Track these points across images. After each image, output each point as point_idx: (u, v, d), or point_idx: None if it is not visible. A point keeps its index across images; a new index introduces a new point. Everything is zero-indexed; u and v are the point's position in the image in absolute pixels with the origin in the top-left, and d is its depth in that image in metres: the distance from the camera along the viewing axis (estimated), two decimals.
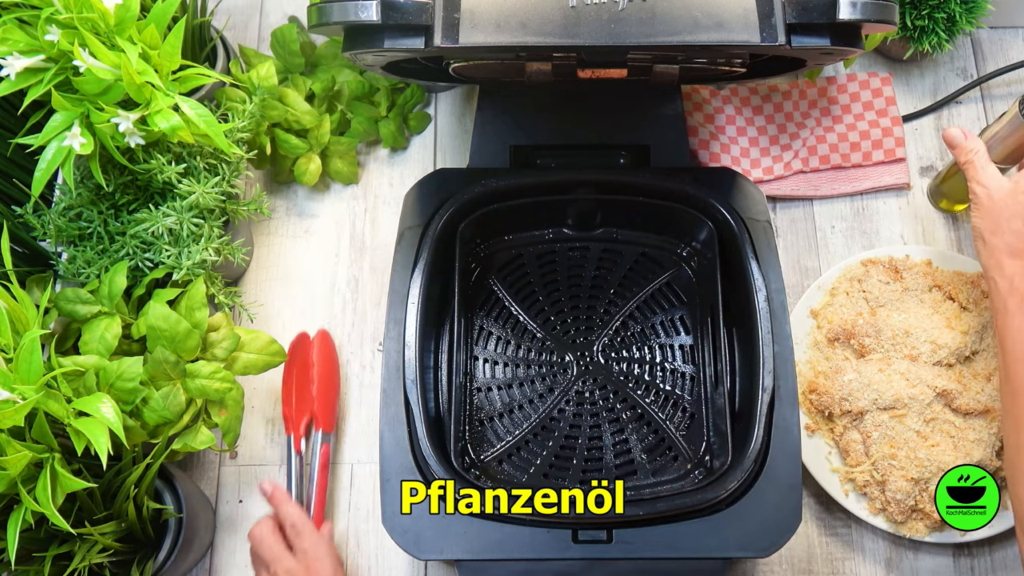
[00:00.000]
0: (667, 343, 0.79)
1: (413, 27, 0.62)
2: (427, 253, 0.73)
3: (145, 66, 0.64)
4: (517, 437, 0.75)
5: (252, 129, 0.80)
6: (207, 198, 0.73)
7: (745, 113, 0.92)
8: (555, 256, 0.83)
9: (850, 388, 0.76)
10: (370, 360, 0.85)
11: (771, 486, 0.66)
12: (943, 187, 0.88)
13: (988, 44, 0.97)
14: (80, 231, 0.74)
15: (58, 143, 0.64)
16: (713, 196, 0.76)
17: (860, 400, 0.76)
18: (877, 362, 0.78)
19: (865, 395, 0.76)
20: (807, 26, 0.63)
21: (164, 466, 0.73)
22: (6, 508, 0.62)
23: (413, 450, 0.67)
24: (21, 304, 0.62)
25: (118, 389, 0.66)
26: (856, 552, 0.78)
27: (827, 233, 0.90)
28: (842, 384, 0.77)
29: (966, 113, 0.94)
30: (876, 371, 0.77)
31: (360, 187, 0.92)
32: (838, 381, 0.77)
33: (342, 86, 0.89)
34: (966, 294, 0.81)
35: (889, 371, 0.76)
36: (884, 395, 0.75)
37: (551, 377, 0.78)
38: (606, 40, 0.61)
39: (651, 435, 0.76)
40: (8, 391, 0.57)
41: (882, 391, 0.75)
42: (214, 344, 0.71)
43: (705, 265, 0.79)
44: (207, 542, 0.79)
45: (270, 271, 0.89)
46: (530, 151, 0.81)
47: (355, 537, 0.79)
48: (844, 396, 0.76)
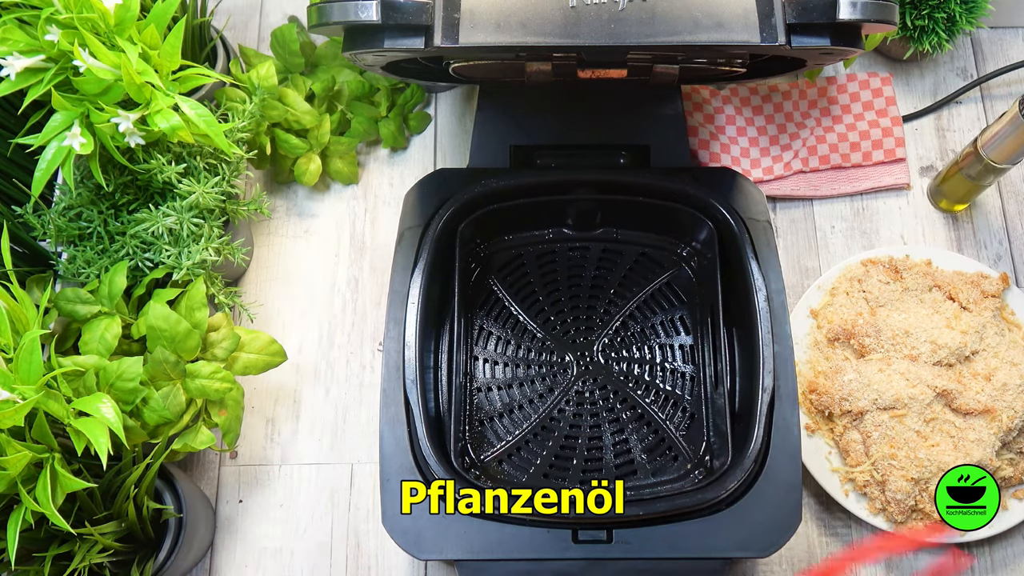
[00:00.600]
0: (667, 343, 0.79)
1: (413, 27, 0.62)
2: (427, 253, 0.73)
3: (145, 66, 0.64)
4: (517, 437, 0.75)
5: (252, 129, 0.80)
6: (207, 198, 0.73)
7: (745, 113, 0.92)
8: (555, 256, 0.83)
9: (850, 388, 0.76)
10: (370, 360, 0.85)
11: (771, 486, 0.66)
12: (943, 187, 0.88)
13: (988, 44, 0.97)
14: (80, 231, 0.74)
15: (58, 143, 0.64)
16: (713, 196, 0.76)
17: (860, 400, 0.76)
18: (877, 362, 0.78)
19: (865, 395, 0.76)
20: (807, 26, 0.63)
21: (164, 466, 0.73)
22: (6, 508, 0.62)
23: (413, 450, 0.67)
24: (21, 304, 0.62)
25: (118, 389, 0.66)
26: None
27: (827, 233, 0.90)
28: (842, 384, 0.77)
29: (966, 113, 0.94)
30: (876, 371, 0.77)
31: (360, 187, 0.92)
32: (838, 381, 0.77)
33: (342, 86, 0.89)
34: (966, 294, 0.81)
35: (889, 371, 0.76)
36: (884, 395, 0.75)
37: (551, 377, 0.78)
38: (606, 40, 0.61)
39: (651, 435, 0.76)
40: (8, 391, 0.57)
41: (882, 391, 0.75)
42: (214, 344, 0.71)
43: (705, 265, 0.79)
44: (207, 542, 0.79)
45: (270, 271, 0.89)
46: (530, 151, 0.81)
47: (355, 537, 0.79)
48: (844, 396, 0.76)
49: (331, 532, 0.79)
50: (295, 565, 0.78)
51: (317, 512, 0.80)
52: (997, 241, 0.89)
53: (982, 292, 0.81)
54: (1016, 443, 0.77)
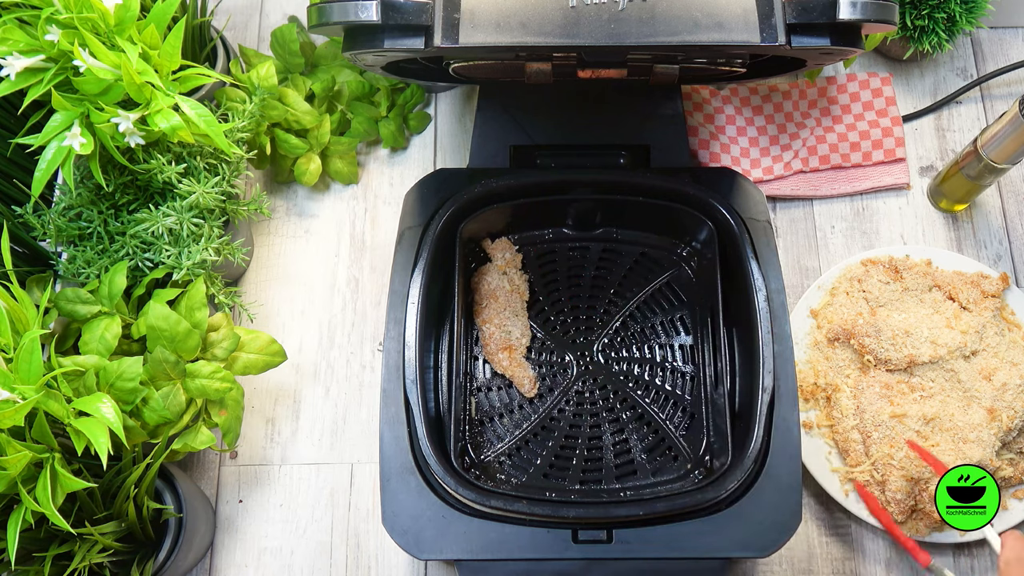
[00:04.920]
0: (667, 343, 0.79)
1: (413, 27, 0.62)
2: (427, 253, 0.73)
3: (145, 66, 0.64)
4: (517, 437, 0.75)
5: (252, 129, 0.80)
6: (207, 198, 0.73)
7: (745, 113, 0.92)
8: (555, 256, 0.83)
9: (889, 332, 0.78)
10: (370, 360, 0.85)
11: (771, 486, 0.66)
12: (943, 187, 0.88)
13: (988, 44, 0.97)
14: (80, 231, 0.74)
15: (58, 143, 0.64)
16: (713, 196, 0.76)
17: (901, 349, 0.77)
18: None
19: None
20: (807, 26, 0.63)
21: (164, 466, 0.73)
22: (6, 508, 0.62)
23: (413, 450, 0.67)
24: (21, 304, 0.62)
25: (118, 389, 0.66)
26: (856, 552, 0.78)
27: (827, 233, 0.90)
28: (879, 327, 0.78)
29: (966, 113, 0.94)
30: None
31: (360, 187, 0.92)
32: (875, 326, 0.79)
33: (342, 86, 0.89)
34: (966, 294, 0.81)
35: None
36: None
37: (551, 377, 0.78)
38: (606, 40, 0.61)
39: (651, 435, 0.76)
40: (8, 391, 0.57)
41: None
42: (214, 344, 0.71)
43: (705, 265, 0.79)
44: (207, 542, 0.79)
45: (270, 271, 0.89)
46: (530, 151, 0.81)
47: (355, 537, 0.79)
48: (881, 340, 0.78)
49: (331, 532, 0.80)
50: (295, 565, 0.78)
51: (317, 512, 0.80)
52: (997, 241, 0.89)
53: (982, 292, 0.81)
54: (1016, 443, 0.77)
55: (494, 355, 0.77)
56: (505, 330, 0.78)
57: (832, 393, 0.79)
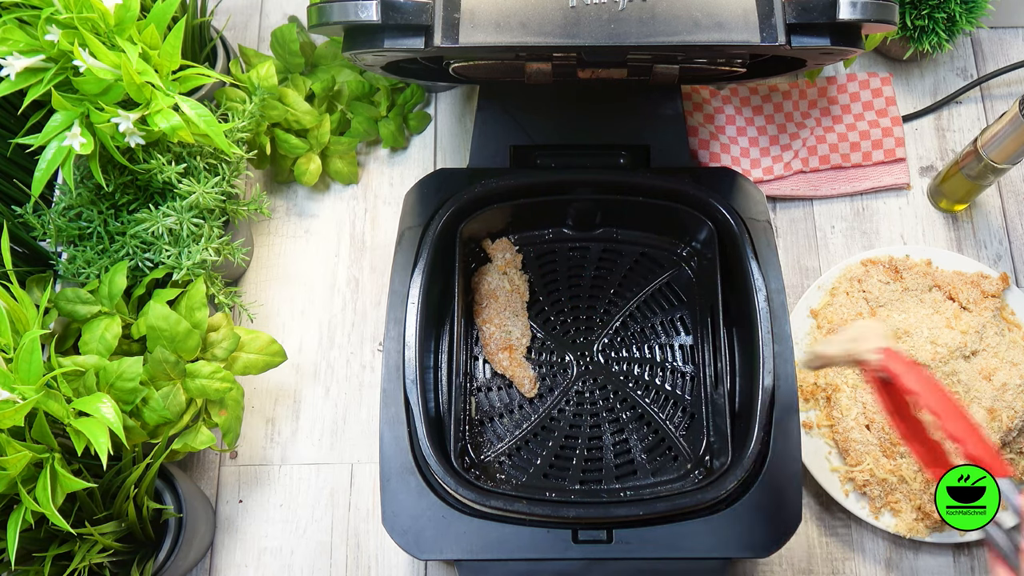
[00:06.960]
0: (667, 343, 0.79)
1: (413, 27, 0.62)
2: (427, 253, 0.73)
3: (145, 66, 0.64)
4: (517, 437, 0.75)
5: (252, 129, 0.80)
6: (207, 198, 0.73)
7: (745, 113, 0.92)
8: (555, 256, 0.83)
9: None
10: (370, 360, 0.85)
11: (771, 486, 0.66)
12: (943, 187, 0.88)
13: (988, 44, 0.97)
14: (80, 231, 0.74)
15: (58, 143, 0.64)
16: (713, 196, 0.76)
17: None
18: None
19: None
20: (807, 26, 0.63)
21: (164, 466, 0.73)
22: (6, 508, 0.62)
23: (413, 450, 0.67)
24: (21, 304, 0.62)
25: (118, 389, 0.66)
26: (856, 552, 0.78)
27: (827, 233, 0.90)
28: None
29: (966, 113, 0.94)
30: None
31: (360, 187, 0.92)
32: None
33: (342, 86, 0.89)
34: (966, 294, 0.81)
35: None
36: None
37: (551, 377, 0.78)
38: (606, 40, 0.61)
39: (651, 435, 0.76)
40: (8, 391, 0.57)
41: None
42: (214, 344, 0.71)
43: (705, 265, 0.79)
44: (207, 542, 0.79)
45: (270, 271, 0.89)
46: (530, 151, 0.81)
47: (355, 537, 0.79)
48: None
49: (331, 532, 0.80)
50: (295, 565, 0.78)
51: (317, 512, 0.80)
52: (997, 241, 0.89)
53: (982, 292, 0.81)
54: (1016, 443, 0.77)
55: (494, 355, 0.77)
56: (505, 330, 0.78)
57: (832, 393, 0.79)
